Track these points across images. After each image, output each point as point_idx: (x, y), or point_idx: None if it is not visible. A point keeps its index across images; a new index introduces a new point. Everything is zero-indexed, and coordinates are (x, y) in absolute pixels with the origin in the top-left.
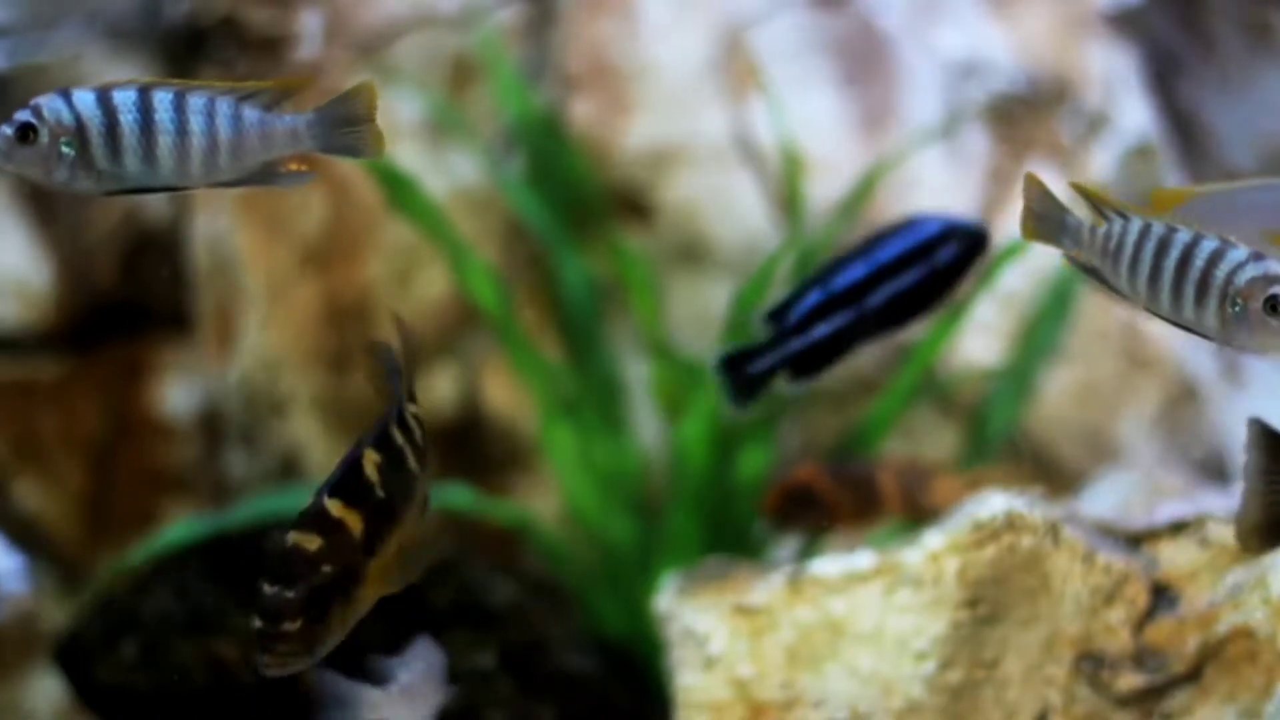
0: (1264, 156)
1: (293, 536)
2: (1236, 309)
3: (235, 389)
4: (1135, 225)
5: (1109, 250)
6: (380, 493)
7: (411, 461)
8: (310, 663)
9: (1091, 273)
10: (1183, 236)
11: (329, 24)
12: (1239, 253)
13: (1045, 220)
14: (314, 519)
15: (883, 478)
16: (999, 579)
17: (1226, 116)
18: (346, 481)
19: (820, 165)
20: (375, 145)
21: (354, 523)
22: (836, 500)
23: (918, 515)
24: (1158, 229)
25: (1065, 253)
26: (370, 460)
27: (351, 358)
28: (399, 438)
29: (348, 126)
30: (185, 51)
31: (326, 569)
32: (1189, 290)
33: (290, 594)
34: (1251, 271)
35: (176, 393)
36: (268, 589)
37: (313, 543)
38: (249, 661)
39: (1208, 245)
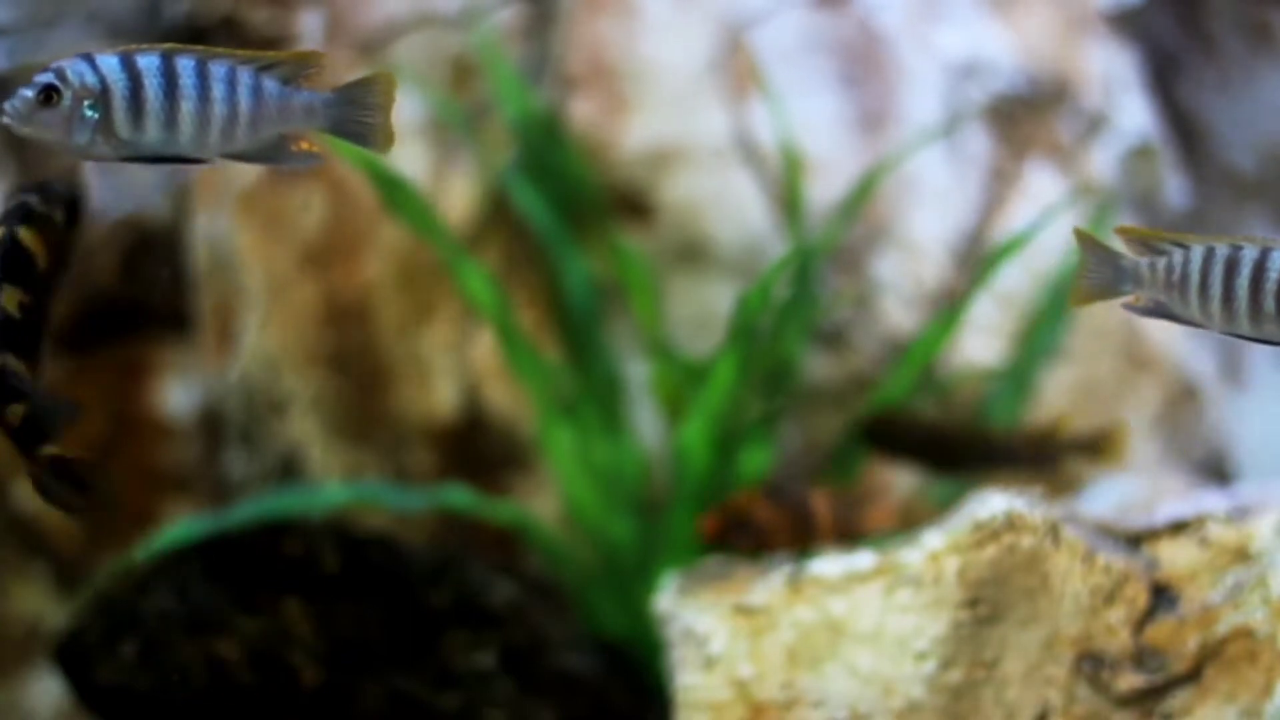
0: (1264, 156)
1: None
2: None
3: (235, 389)
4: (1197, 251)
5: (1173, 282)
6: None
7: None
8: None
9: (1155, 312)
10: (1249, 253)
11: (329, 24)
12: None
13: (1102, 274)
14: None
15: (816, 503)
16: (999, 579)
17: (1226, 116)
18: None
19: (820, 165)
20: (384, 139)
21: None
22: (773, 525)
23: (852, 539)
24: (1221, 250)
25: (1124, 302)
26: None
27: (351, 358)
28: None
29: (362, 113)
30: None
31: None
32: (1269, 303)
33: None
34: None
35: (176, 393)
36: None
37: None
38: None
39: (1278, 255)
